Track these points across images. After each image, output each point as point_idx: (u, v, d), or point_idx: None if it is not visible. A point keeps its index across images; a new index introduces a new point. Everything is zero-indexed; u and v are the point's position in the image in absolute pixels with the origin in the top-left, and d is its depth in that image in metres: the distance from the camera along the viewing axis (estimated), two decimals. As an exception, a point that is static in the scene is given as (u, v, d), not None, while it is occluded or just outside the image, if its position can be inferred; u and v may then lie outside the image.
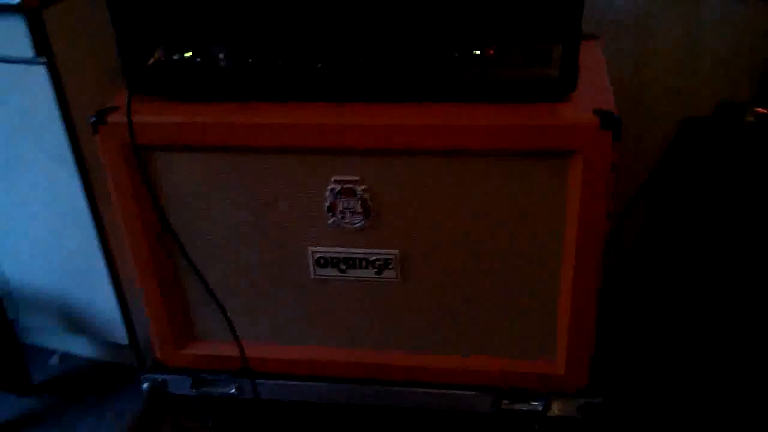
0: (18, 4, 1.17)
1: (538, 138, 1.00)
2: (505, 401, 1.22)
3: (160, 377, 1.32)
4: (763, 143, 1.31)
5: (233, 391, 1.30)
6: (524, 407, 1.22)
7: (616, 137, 0.98)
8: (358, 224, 1.13)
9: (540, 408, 1.21)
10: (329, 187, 1.10)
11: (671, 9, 1.39)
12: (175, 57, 1.08)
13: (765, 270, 1.34)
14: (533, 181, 1.05)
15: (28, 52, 1.22)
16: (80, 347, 1.68)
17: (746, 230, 1.34)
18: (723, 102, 1.41)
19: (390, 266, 1.16)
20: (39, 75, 1.24)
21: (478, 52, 1.00)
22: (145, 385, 1.32)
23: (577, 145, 0.99)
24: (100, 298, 1.48)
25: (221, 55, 1.07)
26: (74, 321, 1.55)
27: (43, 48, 1.22)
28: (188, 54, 1.08)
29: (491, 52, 1.00)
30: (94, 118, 1.10)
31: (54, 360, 1.65)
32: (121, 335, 1.52)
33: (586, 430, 1.26)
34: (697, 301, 1.42)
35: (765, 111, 1.28)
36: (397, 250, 1.14)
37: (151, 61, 1.09)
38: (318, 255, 1.17)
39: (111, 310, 1.49)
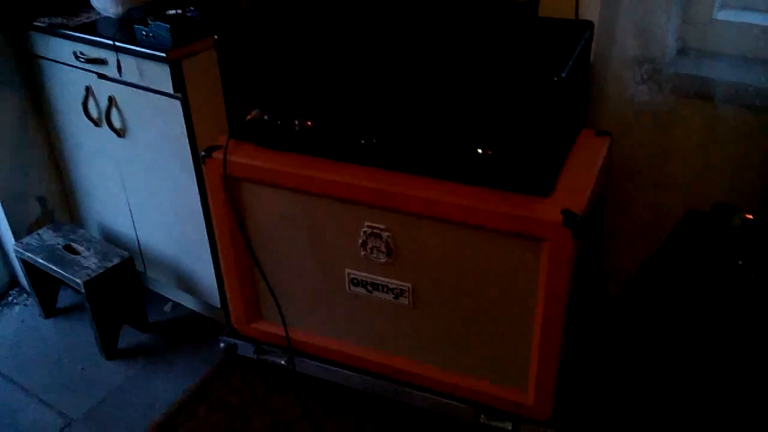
0: (165, 56, 1.58)
1: (515, 224, 1.28)
2: (483, 416, 1.52)
3: (232, 341, 1.75)
4: (744, 245, 1.46)
5: (283, 362, 1.70)
6: (498, 425, 1.52)
7: (575, 234, 1.23)
8: (382, 260, 1.46)
9: (510, 428, 1.50)
10: (363, 230, 1.44)
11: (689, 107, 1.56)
12: (265, 117, 1.46)
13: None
14: (515, 252, 1.33)
15: (170, 89, 1.64)
16: (187, 301, 2.15)
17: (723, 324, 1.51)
18: (718, 203, 1.54)
19: (404, 295, 1.49)
20: (176, 106, 1.66)
21: (480, 151, 1.29)
22: (222, 344, 1.76)
23: (544, 235, 1.26)
24: (203, 269, 1.92)
25: (296, 122, 1.43)
26: (184, 281, 2.01)
27: (179, 87, 1.64)
28: (275, 118, 1.45)
29: (489, 152, 1.28)
30: (203, 153, 1.50)
31: (168, 307, 2.14)
32: (215, 299, 1.96)
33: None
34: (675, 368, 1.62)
35: (751, 216, 1.43)
36: (410, 284, 1.47)
37: (248, 117, 1.47)
38: (352, 276, 1.52)
39: (210, 279, 1.93)
